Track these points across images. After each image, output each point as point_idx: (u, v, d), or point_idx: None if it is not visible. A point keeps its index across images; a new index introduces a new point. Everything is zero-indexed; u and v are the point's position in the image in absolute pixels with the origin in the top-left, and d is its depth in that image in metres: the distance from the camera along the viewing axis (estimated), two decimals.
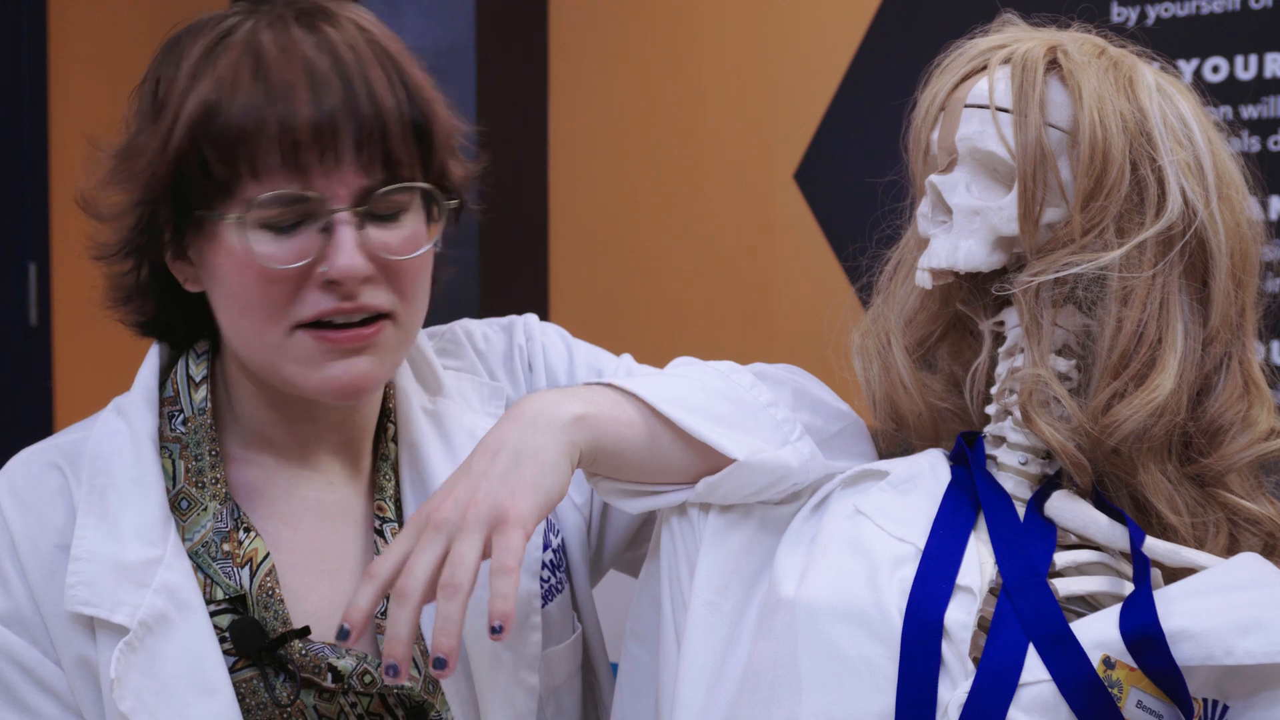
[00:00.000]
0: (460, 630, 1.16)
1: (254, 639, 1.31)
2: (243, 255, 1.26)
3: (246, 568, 1.32)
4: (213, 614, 1.31)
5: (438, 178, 1.33)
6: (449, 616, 1.16)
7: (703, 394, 1.34)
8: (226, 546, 1.32)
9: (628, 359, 1.55)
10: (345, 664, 1.31)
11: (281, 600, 1.32)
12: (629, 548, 1.52)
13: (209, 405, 1.36)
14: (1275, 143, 2.54)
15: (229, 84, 1.25)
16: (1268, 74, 2.56)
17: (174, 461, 1.35)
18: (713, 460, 1.30)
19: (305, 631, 1.32)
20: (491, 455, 1.21)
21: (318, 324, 1.28)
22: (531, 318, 1.56)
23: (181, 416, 1.36)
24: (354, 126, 1.26)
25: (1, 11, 3.48)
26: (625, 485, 1.33)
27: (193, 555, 1.32)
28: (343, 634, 1.18)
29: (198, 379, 1.37)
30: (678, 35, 3.27)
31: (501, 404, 1.47)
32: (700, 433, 1.29)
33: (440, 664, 1.16)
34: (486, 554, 1.19)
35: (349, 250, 1.26)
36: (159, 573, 1.28)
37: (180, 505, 1.34)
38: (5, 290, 3.63)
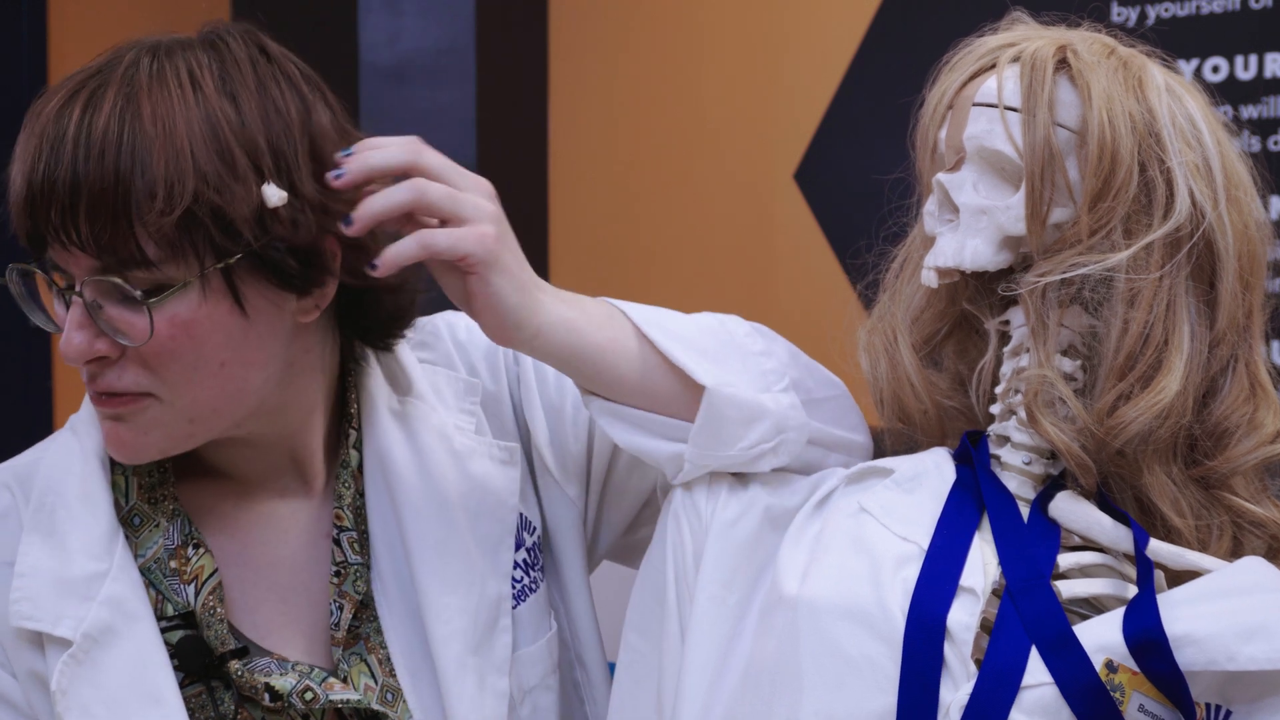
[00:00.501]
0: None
1: (197, 656, 1.30)
2: None
3: (193, 584, 1.31)
4: (165, 629, 1.30)
5: (218, 256, 1.22)
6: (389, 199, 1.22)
7: (691, 327, 1.36)
8: (174, 563, 1.31)
9: None
10: (284, 683, 1.30)
11: (222, 620, 1.31)
12: (626, 533, 1.51)
13: None
14: (1275, 143, 2.54)
15: (41, 145, 1.23)
16: (1268, 74, 2.56)
17: (126, 478, 1.34)
18: (690, 395, 1.31)
19: (243, 652, 1.31)
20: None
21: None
22: None
23: None
24: (60, 202, 1.20)
25: (1, 11, 3.47)
26: (616, 406, 1.34)
27: (145, 571, 1.31)
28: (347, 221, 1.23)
29: None
30: (678, 35, 3.26)
31: (477, 400, 1.45)
32: (674, 354, 1.31)
33: (347, 221, 1.22)
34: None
35: (69, 330, 1.23)
36: (104, 585, 1.28)
37: (133, 521, 1.33)
38: (5, 291, 3.62)
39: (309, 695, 1.30)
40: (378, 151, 1.25)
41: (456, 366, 1.47)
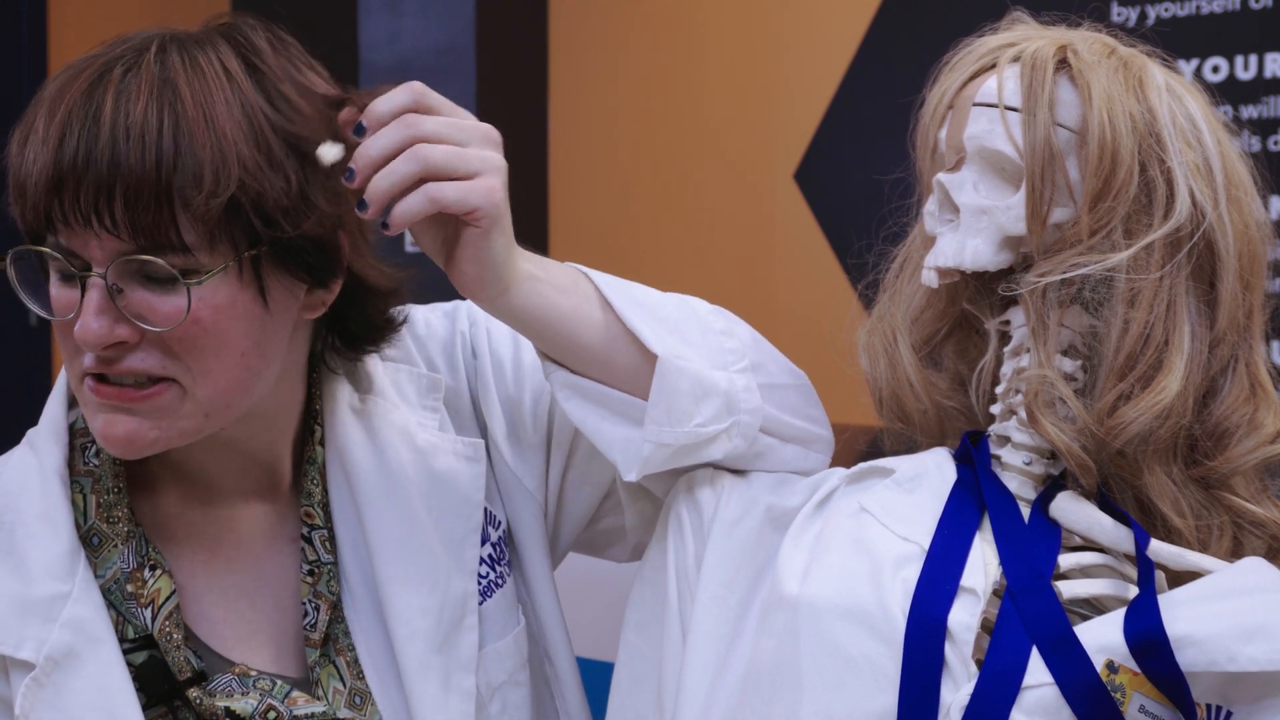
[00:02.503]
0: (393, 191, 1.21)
1: (160, 681, 1.28)
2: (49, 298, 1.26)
3: (149, 608, 1.29)
4: (127, 651, 1.28)
5: (251, 243, 1.23)
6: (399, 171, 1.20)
7: (656, 297, 1.36)
8: (130, 587, 1.29)
9: None
10: (245, 705, 1.28)
11: (179, 646, 1.28)
12: (589, 525, 1.50)
13: None
14: (1275, 143, 2.54)
15: (27, 128, 1.23)
16: (1268, 74, 2.57)
17: (85, 496, 1.32)
18: (650, 368, 1.31)
19: (202, 677, 1.29)
20: None
21: (97, 374, 1.25)
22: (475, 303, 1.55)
23: (94, 448, 1.33)
24: (96, 185, 1.19)
25: (1, 11, 3.47)
26: (576, 379, 1.34)
27: (105, 592, 1.29)
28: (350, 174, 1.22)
29: None
30: (678, 35, 3.27)
31: (439, 396, 1.44)
32: (631, 319, 1.30)
33: (362, 206, 1.21)
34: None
35: (87, 315, 1.21)
36: (66, 607, 1.26)
37: (92, 541, 1.31)
38: (5, 290, 3.63)
39: (272, 715, 1.29)
40: (375, 139, 1.22)
41: (416, 362, 1.46)
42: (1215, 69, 2.61)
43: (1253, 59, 2.58)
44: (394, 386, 1.43)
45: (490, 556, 1.42)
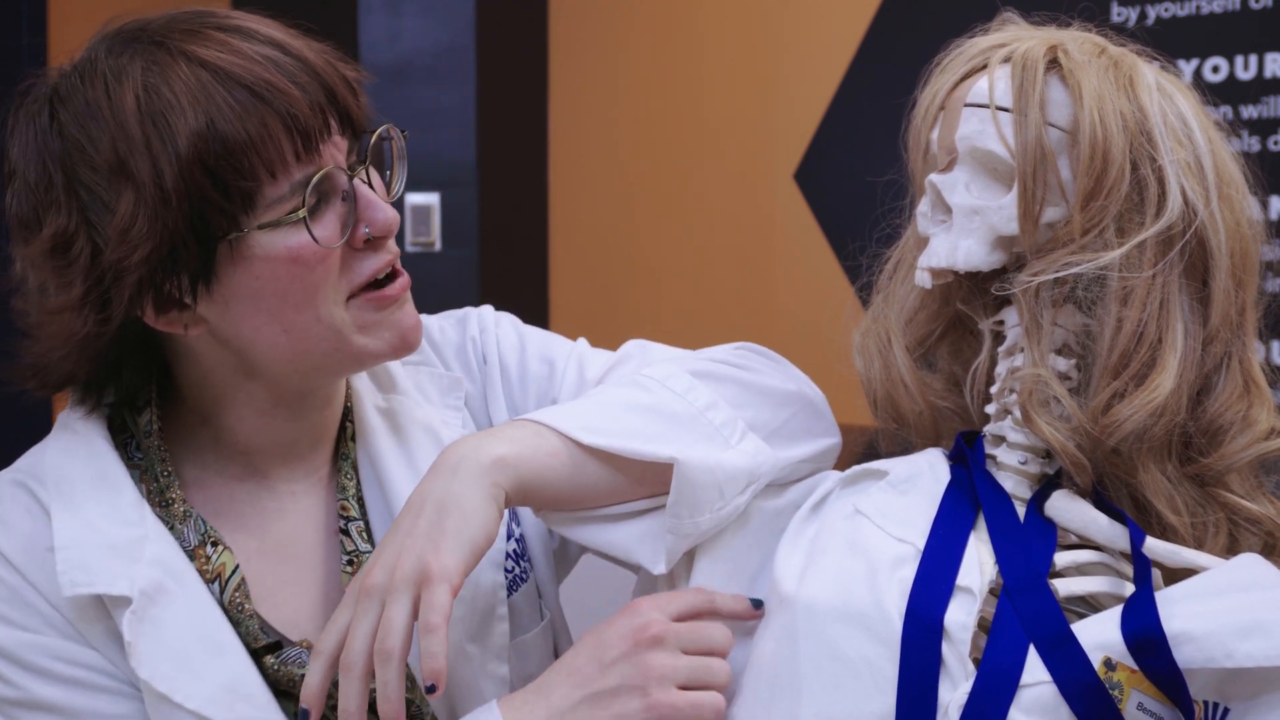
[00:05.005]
0: (400, 694, 1.17)
1: None
2: (288, 253, 1.26)
3: (216, 582, 1.32)
4: None
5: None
6: (386, 683, 1.17)
7: (630, 413, 1.32)
8: (195, 563, 1.32)
9: (582, 344, 1.54)
10: None
11: (252, 615, 1.32)
12: None
13: (156, 427, 1.35)
14: (1275, 143, 2.54)
15: (208, 106, 1.23)
16: (1268, 74, 2.57)
17: (137, 487, 1.34)
18: (652, 474, 1.29)
19: (276, 646, 1.32)
20: (416, 512, 1.22)
21: (364, 290, 1.31)
22: (486, 310, 1.55)
23: (134, 441, 1.36)
24: (327, 97, 1.28)
25: (1, 11, 3.47)
26: (573, 514, 1.32)
27: None
28: (303, 715, 1.21)
29: (140, 404, 1.37)
30: (678, 35, 3.27)
31: (461, 396, 1.47)
32: (619, 448, 1.28)
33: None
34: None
35: (383, 205, 1.30)
36: (146, 547, 1.28)
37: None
38: (5, 290, 3.63)
39: (336, 689, 1.31)
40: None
41: (436, 364, 1.49)
42: (1215, 69, 2.61)
43: (1253, 59, 2.58)
44: (416, 387, 1.46)
45: (515, 552, 1.44)
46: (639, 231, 3.33)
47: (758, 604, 1.28)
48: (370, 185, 1.32)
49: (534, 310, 3.36)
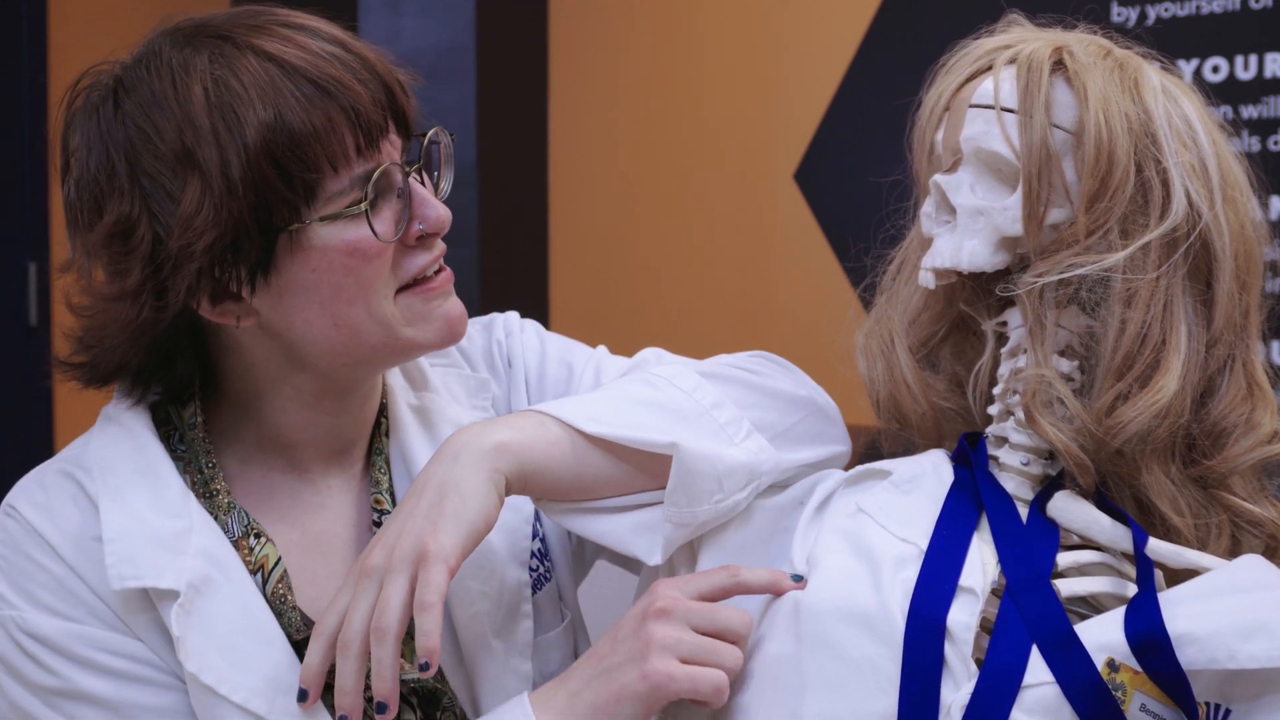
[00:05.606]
0: (395, 673, 1.18)
1: None
2: (346, 245, 1.28)
3: (259, 574, 1.34)
4: None
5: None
6: (381, 660, 1.18)
7: (634, 406, 1.34)
8: (239, 554, 1.33)
9: (601, 350, 1.56)
10: None
11: (294, 607, 1.34)
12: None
13: (200, 420, 1.37)
14: (1275, 143, 2.54)
15: (276, 98, 1.25)
16: (1268, 74, 2.57)
17: (181, 478, 1.35)
18: (653, 468, 1.30)
19: None
20: (418, 494, 1.23)
21: (412, 284, 1.33)
22: (511, 315, 1.57)
23: (178, 434, 1.38)
24: (387, 95, 1.30)
25: (1, 10, 3.48)
26: (572, 504, 1.33)
27: None
28: (302, 695, 1.22)
29: (184, 398, 1.38)
30: (678, 35, 3.27)
31: (489, 397, 1.49)
32: (620, 436, 1.29)
33: (381, 708, 1.19)
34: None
35: (436, 202, 1.33)
36: (192, 539, 1.29)
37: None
38: (5, 290, 3.63)
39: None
40: None
41: (463, 366, 1.51)
42: (1215, 69, 2.61)
43: (1253, 59, 2.58)
44: (444, 387, 1.48)
45: (539, 551, 1.45)
46: (639, 232, 3.33)
47: (798, 578, 1.28)
48: (423, 183, 1.34)
49: (534, 310, 3.35)
